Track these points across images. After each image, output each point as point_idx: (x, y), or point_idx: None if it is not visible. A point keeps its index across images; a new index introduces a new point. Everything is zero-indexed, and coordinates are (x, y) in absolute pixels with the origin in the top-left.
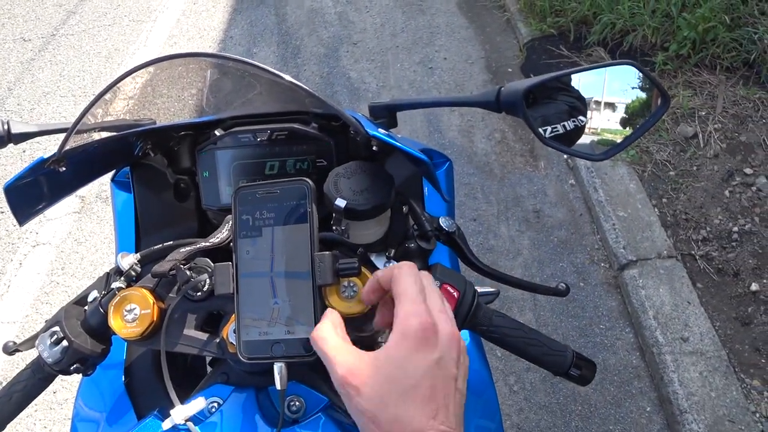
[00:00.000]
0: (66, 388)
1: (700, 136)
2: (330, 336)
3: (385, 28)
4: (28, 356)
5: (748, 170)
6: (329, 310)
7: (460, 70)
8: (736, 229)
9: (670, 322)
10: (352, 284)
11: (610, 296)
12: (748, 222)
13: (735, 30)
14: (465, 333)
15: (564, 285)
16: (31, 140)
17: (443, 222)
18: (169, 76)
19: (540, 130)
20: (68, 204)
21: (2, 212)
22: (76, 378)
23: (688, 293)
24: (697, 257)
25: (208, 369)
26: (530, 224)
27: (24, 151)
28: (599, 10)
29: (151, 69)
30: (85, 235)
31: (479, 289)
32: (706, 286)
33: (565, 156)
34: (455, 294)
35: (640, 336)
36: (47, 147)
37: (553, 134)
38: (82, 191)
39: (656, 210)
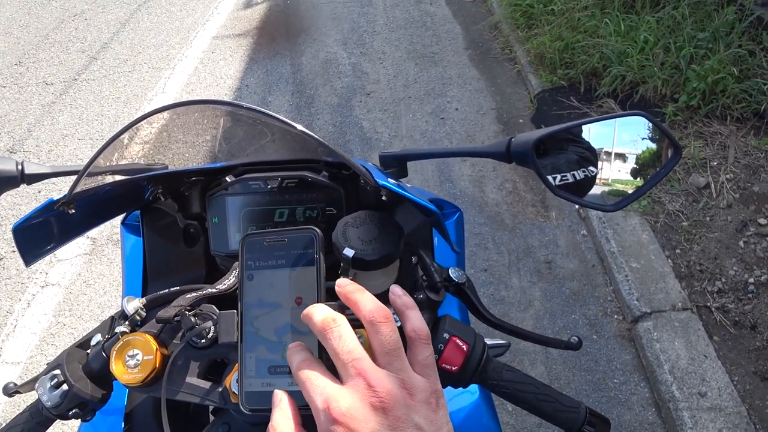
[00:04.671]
0: None
1: (713, 186)
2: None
3: (398, 79)
4: (29, 398)
5: (762, 220)
6: (278, 392)
7: (472, 120)
8: (752, 280)
9: (687, 376)
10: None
11: (624, 349)
12: (764, 273)
13: (744, 81)
14: (474, 387)
15: (576, 338)
16: (46, 182)
17: (453, 273)
18: (183, 123)
19: (549, 178)
20: (79, 246)
21: (13, 251)
22: (76, 423)
23: (704, 346)
24: (713, 309)
25: (211, 418)
26: (542, 275)
27: (39, 192)
28: (608, 62)
29: (166, 115)
30: (95, 277)
31: (489, 341)
32: (723, 339)
33: (577, 207)
34: (464, 347)
35: (656, 391)
36: (62, 188)
37: (562, 182)
38: (94, 233)
39: (670, 261)
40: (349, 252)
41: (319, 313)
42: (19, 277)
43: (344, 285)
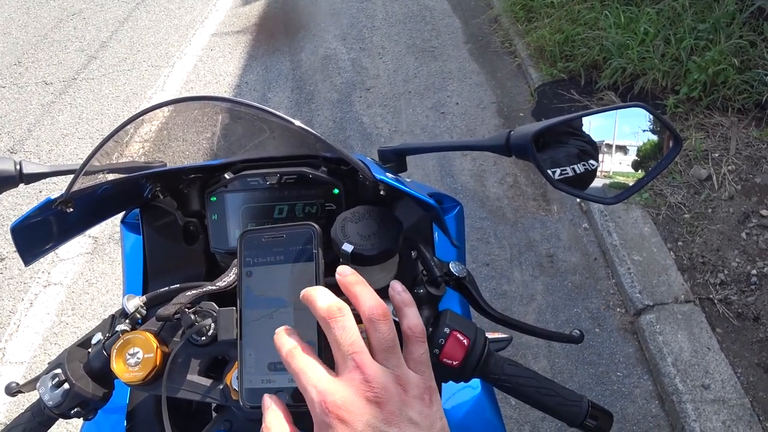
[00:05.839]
0: None
1: (714, 178)
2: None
3: (398, 74)
4: (32, 398)
5: (764, 212)
6: (267, 396)
7: (472, 114)
8: (754, 272)
9: (690, 369)
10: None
11: (626, 342)
12: (766, 264)
13: (745, 72)
14: (476, 382)
15: (578, 332)
16: (47, 181)
17: (453, 267)
18: (181, 120)
19: (549, 172)
20: (81, 245)
21: (15, 251)
22: (79, 422)
23: (707, 339)
24: (716, 301)
25: (214, 415)
26: (544, 269)
27: (41, 191)
28: (609, 54)
29: (163, 112)
30: (97, 276)
31: (490, 336)
32: (726, 331)
33: (578, 200)
34: (465, 341)
35: (659, 384)
36: (63, 188)
37: (562, 176)
38: (95, 232)
39: (672, 253)
40: (347, 247)
41: (324, 299)
42: (21, 276)
43: (345, 274)
